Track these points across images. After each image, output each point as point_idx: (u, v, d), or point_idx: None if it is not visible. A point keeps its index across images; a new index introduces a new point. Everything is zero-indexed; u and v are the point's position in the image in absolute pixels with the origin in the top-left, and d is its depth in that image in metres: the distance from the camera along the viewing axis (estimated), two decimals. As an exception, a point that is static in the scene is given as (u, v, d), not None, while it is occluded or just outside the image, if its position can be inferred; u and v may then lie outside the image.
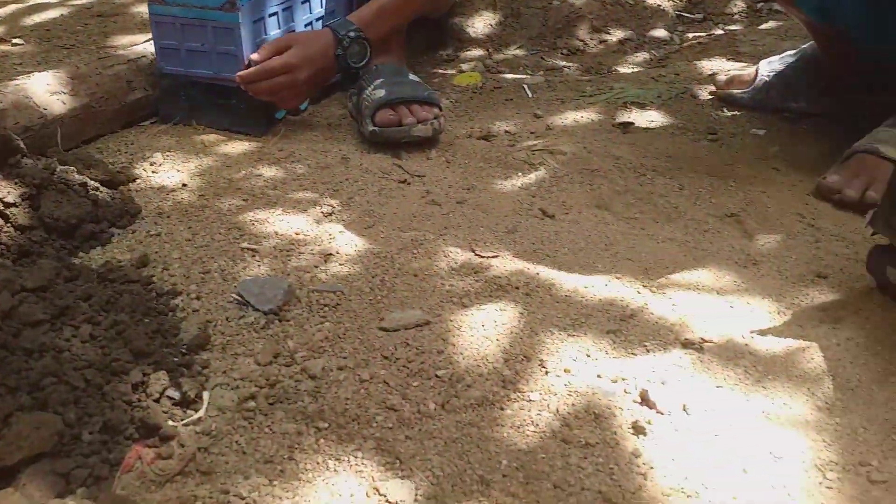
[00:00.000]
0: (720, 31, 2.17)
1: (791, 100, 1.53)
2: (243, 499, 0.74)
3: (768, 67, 1.55)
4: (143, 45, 1.62)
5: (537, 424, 0.84)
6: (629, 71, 1.98)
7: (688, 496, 0.77)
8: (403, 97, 1.46)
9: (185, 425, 0.81)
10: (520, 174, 1.42)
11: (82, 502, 0.71)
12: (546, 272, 1.12)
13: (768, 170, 1.43)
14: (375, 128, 1.45)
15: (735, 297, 1.08)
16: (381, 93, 1.46)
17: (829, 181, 1.29)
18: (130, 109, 1.52)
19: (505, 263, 1.14)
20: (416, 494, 0.75)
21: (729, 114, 1.64)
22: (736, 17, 2.30)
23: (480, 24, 2.16)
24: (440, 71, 1.99)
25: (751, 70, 1.61)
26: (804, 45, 1.57)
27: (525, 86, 1.88)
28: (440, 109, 1.50)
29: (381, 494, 0.75)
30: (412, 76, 1.57)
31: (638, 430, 0.84)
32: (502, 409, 0.86)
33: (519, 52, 2.12)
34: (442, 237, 1.20)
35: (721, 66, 1.87)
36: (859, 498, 0.78)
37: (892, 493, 0.79)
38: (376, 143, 1.47)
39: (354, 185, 1.33)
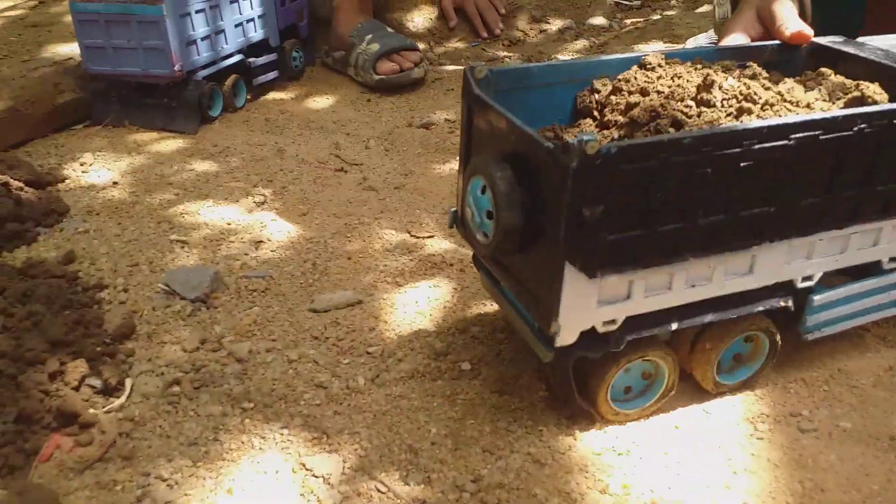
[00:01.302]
0: (657, 17, 2.20)
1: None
2: (164, 480, 0.72)
3: (694, 43, 1.58)
4: (69, 46, 1.59)
5: (468, 393, 0.84)
6: (568, 58, 2.00)
7: (619, 454, 0.77)
8: (394, 47, 1.75)
9: (107, 412, 0.79)
10: (457, 159, 1.42)
11: (-6, 494, 0.68)
12: (482, 249, 1.12)
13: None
14: (382, 76, 1.73)
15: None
16: (375, 46, 1.74)
17: None
18: (60, 112, 1.49)
19: (440, 242, 1.13)
20: (343, 467, 0.74)
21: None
22: (673, 2, 2.34)
23: (420, 18, 2.15)
24: (655, 50, 1.98)
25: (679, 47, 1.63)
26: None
27: (466, 76, 1.88)
28: (421, 53, 1.82)
29: (307, 469, 0.73)
30: (389, 29, 1.86)
31: (569, 392, 0.84)
32: (434, 380, 0.86)
33: (460, 44, 2.12)
34: (377, 221, 1.19)
35: (658, 49, 1.89)
36: (789, 447, 0.79)
37: (822, 440, 0.80)
38: (384, 89, 1.73)
39: (289, 175, 1.32)
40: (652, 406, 0.81)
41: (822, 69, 0.88)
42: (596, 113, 0.83)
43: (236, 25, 1.59)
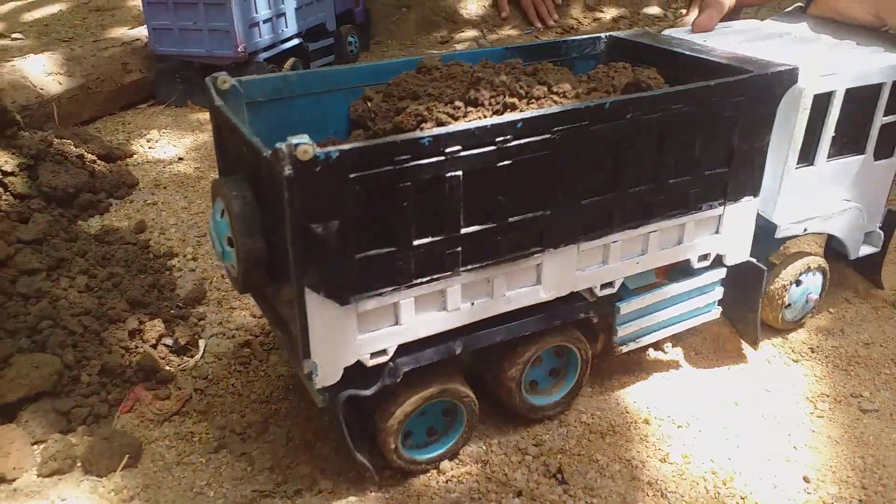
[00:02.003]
0: (712, 6, 2.18)
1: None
2: (239, 434, 0.75)
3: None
4: (137, 28, 1.65)
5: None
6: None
7: (678, 426, 0.78)
8: None
9: (182, 370, 0.83)
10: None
11: (83, 438, 0.72)
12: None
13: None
14: None
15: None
16: None
17: None
18: (127, 91, 1.54)
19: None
20: (409, 428, 0.76)
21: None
22: (727, -8, 2.31)
23: (474, 5, 2.17)
24: (434, 52, 2.01)
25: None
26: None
27: (518, 63, 1.89)
28: None
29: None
30: None
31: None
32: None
33: (513, 31, 2.13)
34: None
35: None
36: (850, 425, 0.79)
37: (883, 420, 0.80)
38: None
39: (348, 154, 1.34)
40: (451, 449, 0.71)
41: (613, 63, 0.79)
42: (370, 122, 0.73)
43: (296, 9, 1.63)
